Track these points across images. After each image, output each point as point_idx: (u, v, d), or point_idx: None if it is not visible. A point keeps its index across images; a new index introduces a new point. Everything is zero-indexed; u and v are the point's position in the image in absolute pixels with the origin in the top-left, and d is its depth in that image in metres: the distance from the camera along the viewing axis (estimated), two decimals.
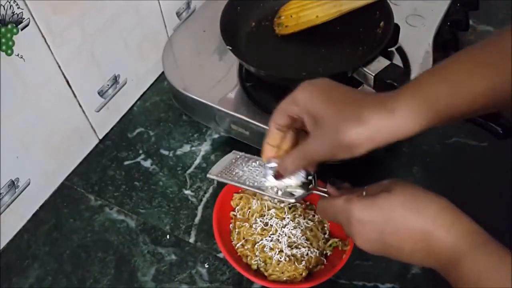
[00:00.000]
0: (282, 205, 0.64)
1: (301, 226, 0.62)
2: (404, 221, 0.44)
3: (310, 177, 0.56)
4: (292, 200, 0.55)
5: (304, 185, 0.55)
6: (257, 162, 0.60)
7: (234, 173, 0.59)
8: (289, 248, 0.60)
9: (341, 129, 0.45)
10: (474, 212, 0.65)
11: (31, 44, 0.61)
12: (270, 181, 0.56)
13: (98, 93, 0.76)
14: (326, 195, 0.54)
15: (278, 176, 0.55)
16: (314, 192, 0.55)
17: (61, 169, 0.74)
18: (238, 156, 0.63)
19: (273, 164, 0.55)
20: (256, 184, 0.57)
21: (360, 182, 0.70)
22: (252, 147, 0.70)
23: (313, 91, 0.49)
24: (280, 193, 0.55)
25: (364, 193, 0.49)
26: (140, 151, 0.78)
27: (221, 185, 0.68)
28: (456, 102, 0.46)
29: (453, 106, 0.46)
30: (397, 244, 0.45)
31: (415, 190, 0.46)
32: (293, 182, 0.55)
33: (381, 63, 0.66)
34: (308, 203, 0.67)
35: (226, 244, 0.62)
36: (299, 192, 0.55)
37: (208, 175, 0.60)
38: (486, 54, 0.47)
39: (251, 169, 0.59)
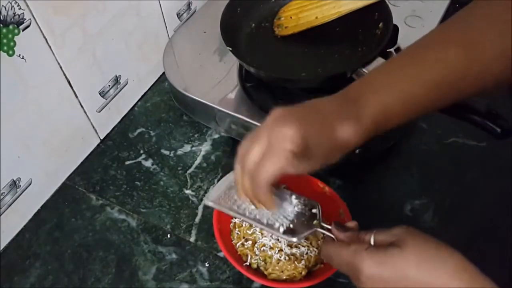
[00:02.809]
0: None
1: None
2: (418, 281, 0.42)
3: (314, 210, 0.55)
4: (294, 239, 0.53)
5: (307, 216, 0.54)
6: None
7: (233, 199, 0.56)
8: (289, 247, 0.60)
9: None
10: (473, 213, 0.66)
11: (32, 44, 0.61)
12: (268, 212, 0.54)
13: (99, 93, 0.76)
14: (330, 234, 0.52)
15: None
16: (318, 230, 0.54)
17: (62, 169, 0.75)
18: None
19: None
20: (257, 216, 0.55)
21: (359, 182, 0.71)
22: None
23: (298, 138, 0.46)
24: (282, 229, 0.53)
25: (372, 240, 0.47)
26: (141, 151, 0.78)
27: None
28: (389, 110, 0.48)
29: (387, 114, 0.48)
30: None
31: (429, 245, 0.44)
32: (295, 212, 0.55)
33: (380, 64, 0.66)
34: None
35: (226, 243, 0.62)
36: (300, 228, 0.53)
37: (205, 201, 0.56)
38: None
39: None
